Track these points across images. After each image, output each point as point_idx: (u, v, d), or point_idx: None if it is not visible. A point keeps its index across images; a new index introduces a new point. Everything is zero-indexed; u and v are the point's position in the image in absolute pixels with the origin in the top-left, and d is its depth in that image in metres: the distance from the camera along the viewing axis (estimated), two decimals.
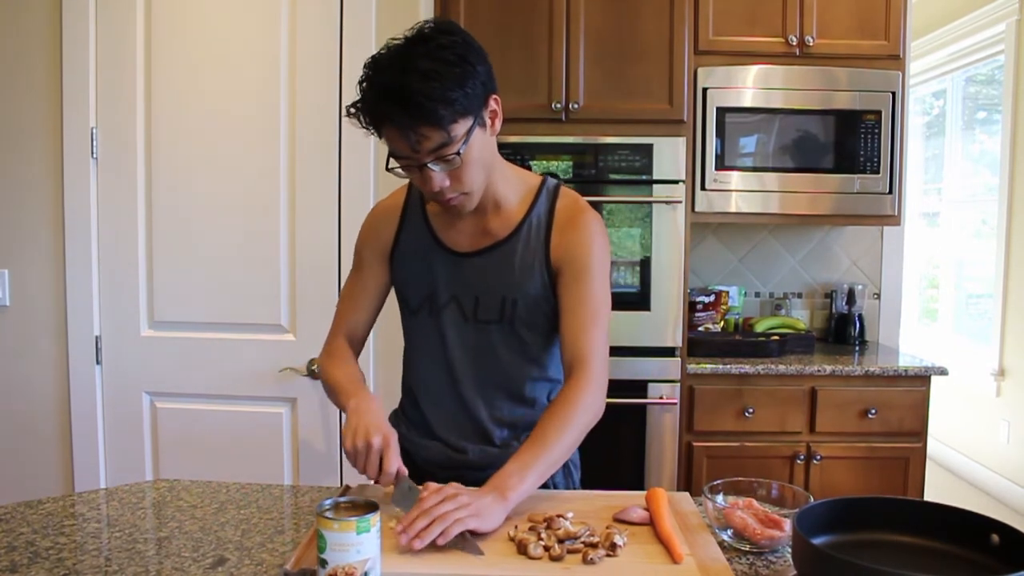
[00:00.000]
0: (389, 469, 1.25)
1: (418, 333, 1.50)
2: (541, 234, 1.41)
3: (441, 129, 1.23)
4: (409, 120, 1.22)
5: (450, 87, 1.22)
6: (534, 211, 1.43)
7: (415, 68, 1.21)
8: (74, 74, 2.35)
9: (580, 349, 1.36)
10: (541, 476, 1.27)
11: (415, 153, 1.26)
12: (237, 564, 1.13)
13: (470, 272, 1.44)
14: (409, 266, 1.49)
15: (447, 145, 1.25)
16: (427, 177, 1.28)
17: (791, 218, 2.89)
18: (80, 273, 2.40)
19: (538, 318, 1.43)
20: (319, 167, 2.35)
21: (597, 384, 1.35)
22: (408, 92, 1.20)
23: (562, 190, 1.46)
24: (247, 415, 2.41)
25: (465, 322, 1.45)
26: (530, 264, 1.41)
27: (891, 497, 1.14)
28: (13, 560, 1.13)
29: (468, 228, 1.45)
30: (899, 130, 2.84)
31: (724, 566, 1.09)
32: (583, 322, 1.37)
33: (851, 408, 2.70)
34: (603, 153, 2.68)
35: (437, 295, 1.46)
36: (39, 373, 2.44)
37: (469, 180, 1.32)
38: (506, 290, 1.42)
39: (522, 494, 1.23)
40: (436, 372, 1.48)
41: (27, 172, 2.40)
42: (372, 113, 1.26)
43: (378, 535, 1.02)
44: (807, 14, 2.82)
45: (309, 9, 2.33)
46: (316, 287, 2.37)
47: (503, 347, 1.44)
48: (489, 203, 1.42)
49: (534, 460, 1.26)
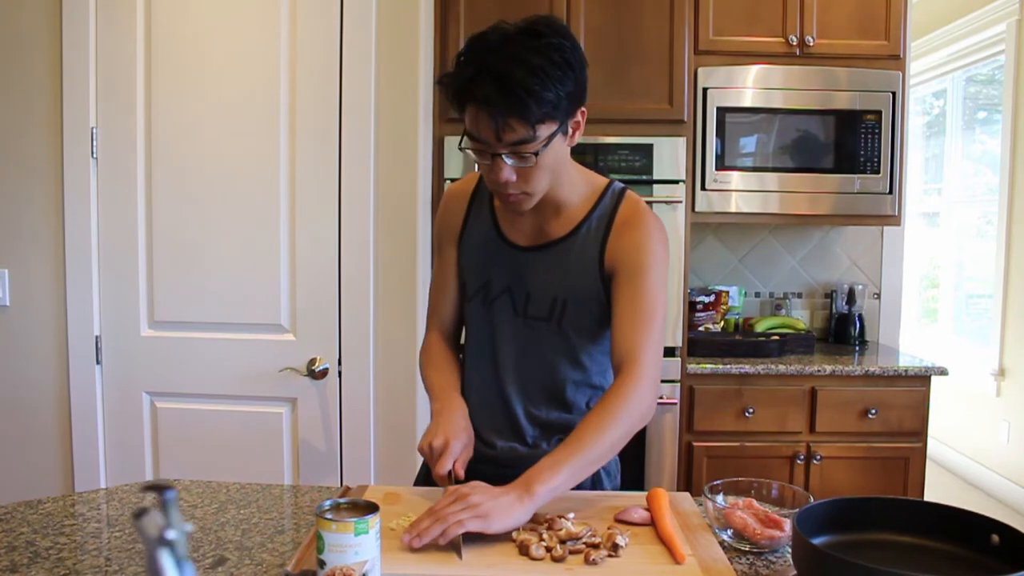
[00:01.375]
0: (438, 471, 1.28)
1: (471, 321, 1.51)
2: (599, 236, 1.40)
3: (528, 126, 1.23)
4: (503, 107, 1.21)
5: (550, 88, 1.22)
6: (595, 213, 1.42)
7: (523, 60, 1.21)
8: (74, 74, 2.35)
9: (630, 347, 1.33)
10: (575, 474, 1.22)
11: (496, 141, 1.25)
12: (237, 564, 1.13)
13: (525, 267, 1.44)
14: (471, 252, 1.49)
15: (528, 143, 1.25)
16: (497, 167, 1.28)
17: (791, 218, 2.89)
18: (80, 273, 2.40)
19: (586, 320, 1.42)
20: (319, 167, 2.35)
21: (646, 383, 1.31)
22: (511, 81, 1.20)
23: (627, 194, 1.44)
24: (247, 415, 2.41)
25: (515, 316, 1.45)
26: (584, 265, 1.40)
27: (891, 497, 1.14)
28: (13, 560, 1.13)
29: (528, 225, 1.45)
30: (899, 130, 2.84)
31: (726, 566, 1.09)
32: (635, 321, 1.34)
33: (851, 408, 2.70)
34: (603, 153, 2.68)
35: (491, 285, 1.46)
36: (39, 373, 2.44)
37: (535, 182, 1.31)
38: (557, 289, 1.41)
39: (552, 490, 1.19)
40: (481, 361, 1.48)
41: (27, 172, 2.40)
42: (467, 89, 1.24)
43: (377, 537, 1.02)
44: (807, 14, 2.82)
45: (309, 9, 2.33)
46: (316, 287, 2.37)
47: (549, 346, 1.43)
48: (549, 206, 1.42)
49: (568, 457, 1.22)
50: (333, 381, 2.38)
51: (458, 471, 1.30)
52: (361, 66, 2.33)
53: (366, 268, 2.36)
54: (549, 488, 1.19)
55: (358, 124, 2.34)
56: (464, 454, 1.34)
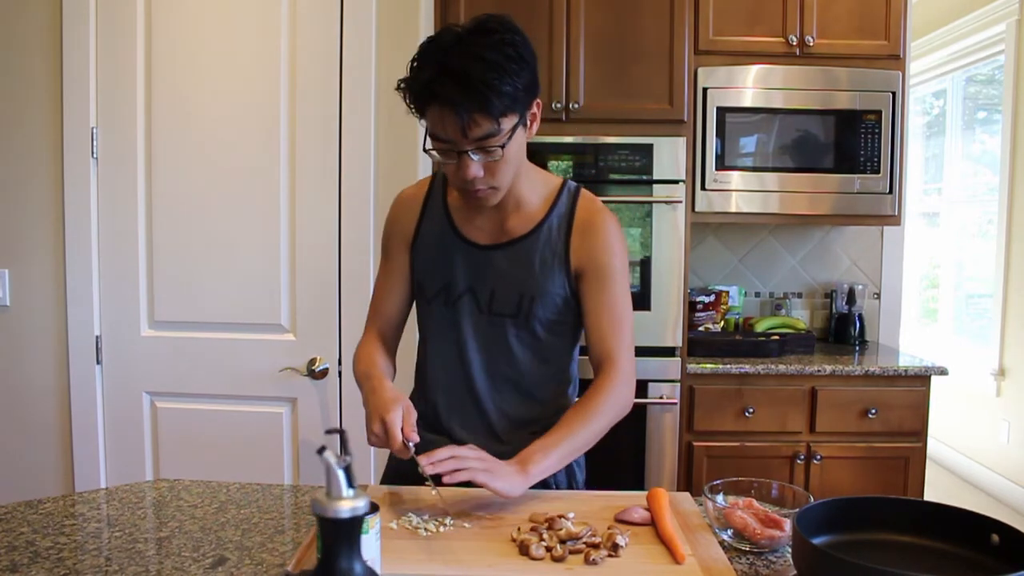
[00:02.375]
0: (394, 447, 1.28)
1: (433, 323, 1.52)
2: (561, 235, 1.44)
3: (492, 119, 1.26)
4: (467, 104, 1.24)
5: (508, 81, 1.26)
6: (554, 212, 1.45)
7: (480, 56, 1.24)
8: (74, 74, 2.35)
9: (608, 348, 1.43)
10: (563, 458, 1.33)
11: (461, 138, 1.28)
12: (237, 564, 1.13)
13: (488, 265, 1.46)
14: (428, 255, 1.51)
15: (493, 136, 1.29)
16: (464, 164, 1.31)
17: (791, 218, 2.89)
18: (80, 273, 2.40)
19: (554, 317, 1.46)
20: (319, 167, 2.35)
21: (625, 380, 1.42)
22: (470, 77, 1.23)
23: (582, 193, 1.49)
24: (247, 415, 2.41)
25: (480, 314, 1.47)
26: (550, 264, 1.44)
27: (891, 497, 1.14)
28: (13, 560, 1.13)
29: (488, 224, 1.47)
30: (899, 130, 2.84)
31: (726, 566, 1.09)
32: (610, 323, 1.43)
33: (851, 408, 2.70)
34: (603, 153, 2.68)
35: (453, 285, 1.47)
36: (39, 373, 2.44)
37: (502, 175, 1.35)
38: (524, 287, 1.44)
39: (544, 471, 1.29)
40: (448, 362, 1.50)
41: (27, 172, 2.40)
42: (427, 90, 1.27)
43: (377, 536, 1.02)
44: (807, 14, 2.82)
45: (309, 9, 2.33)
46: (316, 287, 2.37)
47: (516, 342, 1.46)
48: (511, 201, 1.44)
49: (559, 441, 1.33)
50: (333, 381, 2.38)
51: (409, 434, 1.29)
52: (361, 66, 2.33)
53: (366, 268, 2.36)
54: (541, 469, 1.29)
55: (358, 124, 2.34)
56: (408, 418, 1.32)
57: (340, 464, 0.76)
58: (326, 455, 0.76)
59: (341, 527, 0.74)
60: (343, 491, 0.75)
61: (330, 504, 0.74)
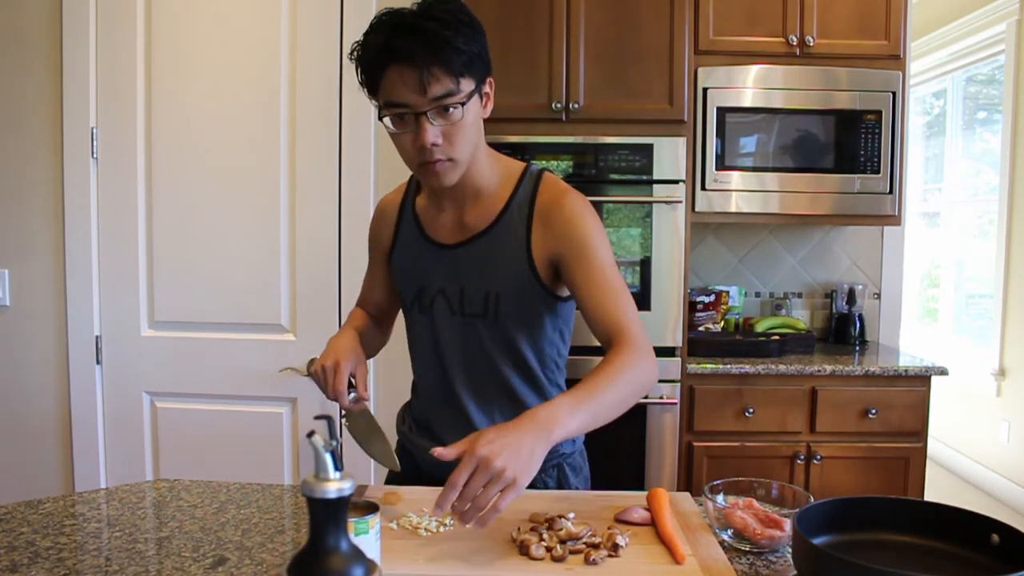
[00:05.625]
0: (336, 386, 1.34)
1: (413, 329, 1.51)
2: (522, 225, 1.38)
3: (452, 76, 1.24)
4: (425, 57, 1.21)
5: (463, 41, 1.24)
6: (514, 200, 1.40)
7: (433, 15, 1.24)
8: (74, 74, 2.35)
9: (614, 321, 1.31)
10: (588, 423, 1.18)
11: (419, 97, 1.23)
12: (237, 564, 1.13)
13: (454, 264, 1.43)
14: (402, 262, 1.50)
15: (452, 95, 1.24)
16: (422, 128, 1.25)
17: (791, 218, 2.89)
18: (80, 273, 2.40)
19: (524, 313, 1.41)
20: (319, 167, 2.35)
21: (640, 349, 1.28)
22: (428, 32, 1.22)
23: (544, 176, 1.42)
24: (247, 415, 2.41)
25: (453, 315, 1.44)
26: (511, 257, 1.38)
27: (891, 497, 1.14)
28: (13, 560, 1.13)
29: (449, 220, 1.44)
30: (899, 130, 2.84)
31: (726, 566, 1.09)
32: (606, 298, 1.33)
33: (851, 408, 2.70)
34: (603, 153, 2.68)
35: (426, 289, 1.46)
36: (39, 373, 2.44)
37: (459, 145, 1.29)
38: (489, 284, 1.40)
39: (569, 433, 1.14)
40: (430, 367, 1.48)
41: (27, 172, 2.40)
42: (386, 49, 1.23)
43: (377, 536, 1.02)
44: (807, 14, 2.82)
45: (309, 9, 2.33)
46: (316, 287, 2.37)
47: (490, 342, 1.42)
48: (468, 190, 1.40)
49: (584, 403, 1.16)
50: None
51: (362, 391, 1.33)
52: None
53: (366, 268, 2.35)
54: (566, 433, 1.13)
55: (358, 124, 2.34)
56: (360, 372, 1.36)
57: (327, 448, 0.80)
58: (314, 439, 0.80)
59: (328, 507, 0.79)
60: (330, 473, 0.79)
61: (318, 485, 0.78)
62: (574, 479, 1.50)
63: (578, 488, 1.51)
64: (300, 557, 0.80)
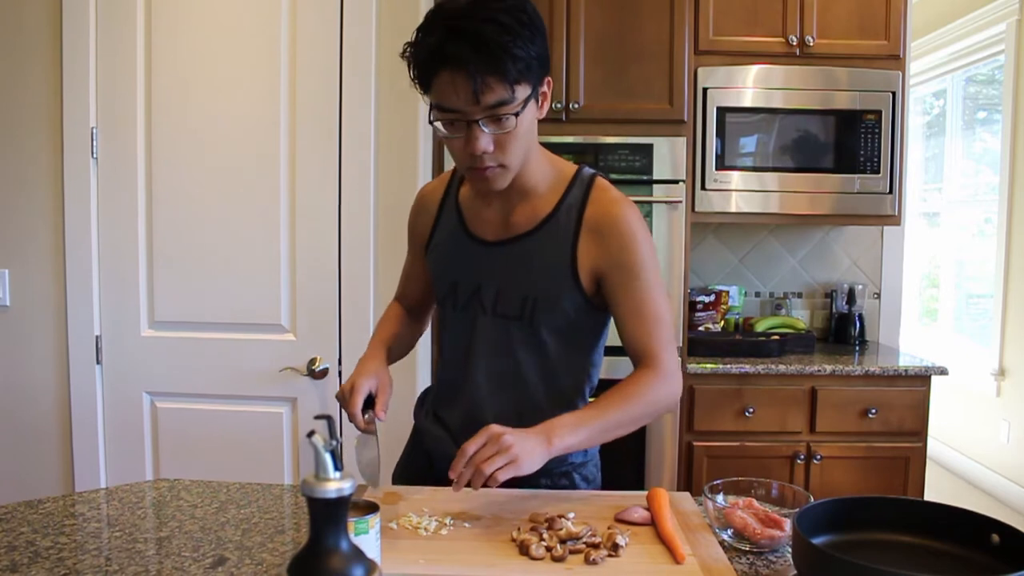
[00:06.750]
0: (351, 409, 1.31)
1: (446, 324, 1.48)
2: (569, 234, 1.34)
3: (507, 84, 1.19)
4: (481, 65, 1.17)
5: (522, 46, 1.19)
6: (563, 205, 1.36)
7: (493, 19, 1.18)
8: (74, 74, 2.35)
9: (647, 345, 1.34)
10: (591, 439, 1.28)
11: (472, 105, 1.20)
12: (237, 564, 1.13)
13: (493, 263, 1.39)
14: (440, 254, 1.46)
15: (506, 104, 1.21)
16: (474, 136, 1.22)
17: (791, 218, 2.89)
18: (80, 273, 2.40)
19: (559, 321, 1.37)
20: (319, 167, 2.35)
21: (665, 375, 1.33)
22: (485, 38, 1.17)
23: (596, 183, 1.38)
24: (247, 415, 2.41)
25: (484, 314, 1.40)
26: (553, 264, 1.35)
27: (891, 497, 1.14)
28: (13, 560, 1.13)
29: (495, 217, 1.40)
30: (899, 130, 2.84)
31: (726, 566, 1.09)
32: (643, 322, 1.34)
33: (851, 408, 2.70)
34: (603, 153, 2.68)
35: (460, 285, 1.42)
36: (39, 373, 2.44)
37: (512, 152, 1.26)
38: (527, 288, 1.36)
39: (567, 448, 1.23)
40: (455, 364, 1.46)
41: (27, 172, 2.40)
42: (440, 53, 1.19)
43: (377, 536, 1.02)
44: (807, 14, 2.82)
45: (309, 10, 2.33)
46: (316, 287, 2.37)
47: (520, 345, 1.38)
48: (517, 190, 1.36)
49: (590, 420, 1.26)
50: (333, 381, 2.38)
51: (378, 411, 1.33)
52: (361, 65, 2.33)
53: (366, 268, 2.36)
54: (566, 446, 1.23)
55: (358, 124, 2.34)
56: (382, 396, 1.35)
57: (327, 448, 0.81)
58: (314, 439, 0.81)
59: (328, 507, 0.79)
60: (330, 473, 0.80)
61: (318, 485, 0.79)
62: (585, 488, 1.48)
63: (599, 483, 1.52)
64: (300, 557, 0.80)
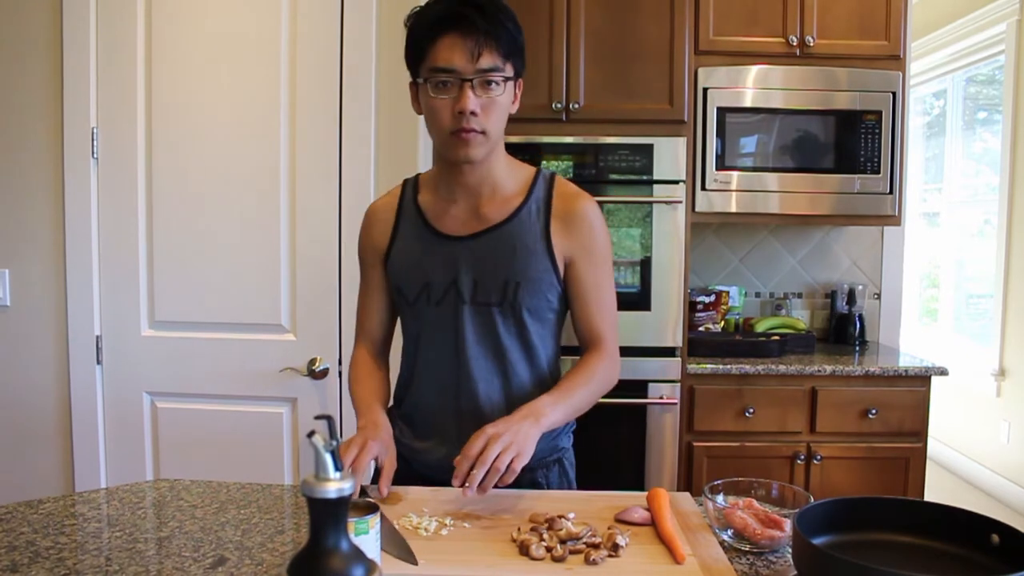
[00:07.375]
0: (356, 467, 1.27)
1: (422, 324, 1.49)
2: (540, 221, 1.44)
3: (500, 55, 1.34)
4: (485, 30, 1.31)
5: (516, 31, 1.37)
6: (531, 197, 1.46)
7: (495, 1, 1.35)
8: (74, 74, 2.35)
9: (598, 330, 1.49)
10: (567, 416, 1.40)
11: (469, 63, 1.32)
12: (237, 564, 1.13)
13: (466, 255, 1.44)
14: (405, 259, 1.49)
15: (497, 71, 1.34)
16: (464, 94, 1.33)
17: (791, 218, 2.89)
18: (80, 273, 2.40)
19: (540, 303, 1.45)
20: (319, 167, 2.35)
21: (613, 359, 1.49)
22: (492, 9, 1.33)
23: (558, 179, 1.50)
24: (247, 415, 2.41)
25: (463, 304, 1.45)
26: (532, 249, 1.43)
27: (891, 497, 1.14)
28: (14, 560, 1.13)
29: (462, 213, 1.46)
30: (899, 130, 2.84)
31: (726, 566, 1.09)
32: (599, 306, 1.49)
33: (851, 408, 2.70)
34: (603, 153, 2.68)
35: (433, 282, 1.46)
36: (39, 373, 2.44)
37: (494, 120, 1.37)
38: (508, 273, 1.43)
39: (552, 424, 1.35)
40: (443, 359, 1.47)
41: (27, 172, 2.40)
42: (447, 18, 1.32)
43: (377, 537, 1.02)
44: (807, 14, 2.82)
45: (309, 9, 2.33)
46: (316, 287, 2.37)
47: (503, 330, 1.45)
48: (486, 186, 1.45)
49: (564, 398, 1.39)
50: (333, 381, 2.38)
51: (381, 487, 1.30)
52: (362, 65, 2.33)
53: None
54: (550, 423, 1.34)
55: (358, 123, 2.34)
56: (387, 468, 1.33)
57: (327, 448, 0.81)
58: (314, 439, 0.81)
59: (328, 507, 0.80)
60: (330, 473, 0.80)
61: (318, 485, 0.79)
62: (572, 472, 1.57)
63: (574, 480, 1.57)
64: (300, 557, 0.80)
